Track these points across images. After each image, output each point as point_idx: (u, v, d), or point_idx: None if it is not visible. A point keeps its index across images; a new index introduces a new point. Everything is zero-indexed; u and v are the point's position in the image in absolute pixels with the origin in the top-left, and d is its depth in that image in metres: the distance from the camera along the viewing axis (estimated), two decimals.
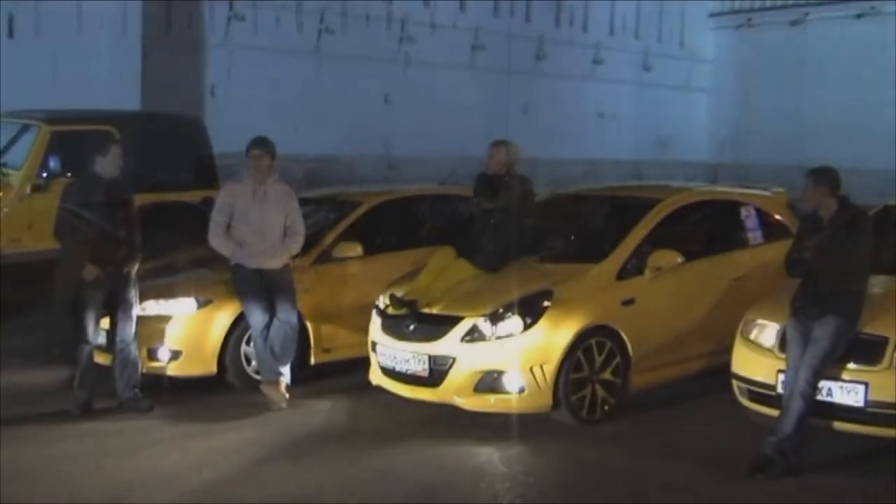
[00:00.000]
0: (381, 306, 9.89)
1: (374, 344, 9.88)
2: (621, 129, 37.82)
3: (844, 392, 8.08)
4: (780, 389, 8.34)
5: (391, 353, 9.60)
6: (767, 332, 8.71)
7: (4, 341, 12.10)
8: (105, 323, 9.97)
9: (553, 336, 9.10)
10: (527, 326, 9.10)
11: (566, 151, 34.85)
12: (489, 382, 9.11)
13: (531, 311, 9.14)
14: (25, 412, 9.59)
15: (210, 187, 14.68)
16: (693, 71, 39.57)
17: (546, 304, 9.19)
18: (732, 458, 8.26)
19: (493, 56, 33.90)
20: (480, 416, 9.20)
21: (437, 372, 9.25)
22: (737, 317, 9.15)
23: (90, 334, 9.69)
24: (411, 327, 9.51)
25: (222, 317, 10.31)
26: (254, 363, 10.23)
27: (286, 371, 10.04)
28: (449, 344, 9.21)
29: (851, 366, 8.11)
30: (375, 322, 9.92)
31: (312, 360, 10.74)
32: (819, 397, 8.06)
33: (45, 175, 14.06)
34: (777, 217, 11.41)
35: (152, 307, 10.29)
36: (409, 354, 9.42)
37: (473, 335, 9.17)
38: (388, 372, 9.68)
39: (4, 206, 13.88)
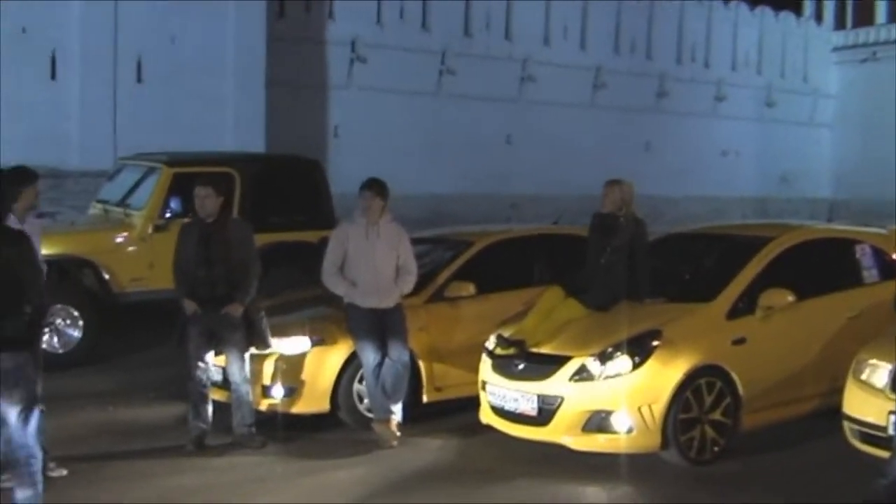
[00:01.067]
0: (490, 346, 9.95)
1: (483, 383, 9.93)
2: (744, 165, 37.45)
3: None
4: (891, 431, 8.18)
5: (500, 393, 9.64)
6: (879, 372, 8.56)
7: (127, 377, 12.42)
8: (222, 361, 10.19)
9: (662, 376, 9.06)
10: (636, 366, 9.08)
11: (689, 189, 34.64)
12: (597, 422, 9.09)
13: (640, 350, 9.12)
14: (143, 447, 9.82)
15: (328, 228, 14.87)
16: (817, 106, 39.09)
17: (655, 343, 9.16)
18: (843, 500, 8.12)
19: (614, 94, 33.87)
20: (589, 456, 9.18)
21: (545, 411, 9.26)
22: (850, 356, 9.01)
23: (194, 369, 9.91)
24: (520, 367, 9.54)
25: (335, 355, 10.44)
26: (366, 401, 10.32)
27: (398, 409, 10.14)
28: (557, 383, 9.22)
29: None
30: (485, 362, 9.97)
31: (424, 399, 10.81)
32: None
33: (166, 216, 14.41)
34: (894, 256, 11.21)
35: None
36: (518, 394, 9.45)
37: (582, 374, 9.16)
38: (498, 411, 9.71)
39: (128, 245, 14.28)
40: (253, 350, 10.14)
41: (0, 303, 7.18)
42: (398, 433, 10.05)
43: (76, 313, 13.55)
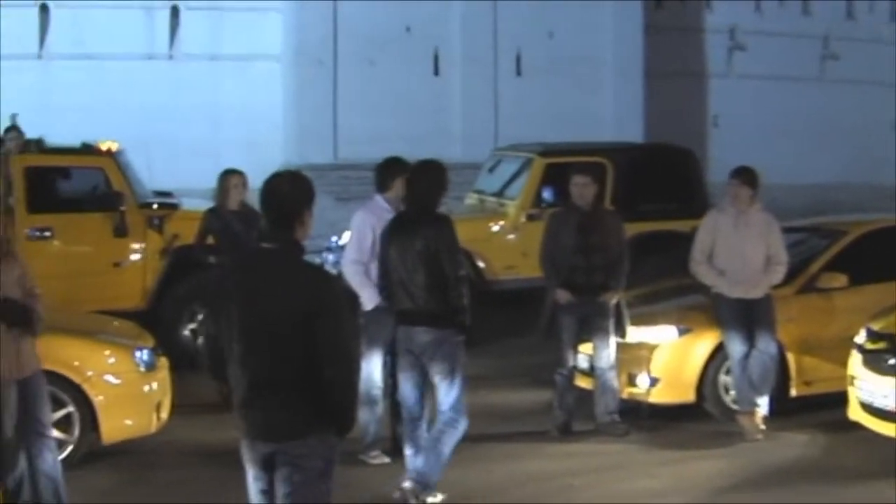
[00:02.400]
0: (860, 341, 9.59)
1: (852, 378, 9.58)
2: None
3: None
4: None
5: (870, 388, 9.26)
6: None
7: (497, 363, 12.78)
8: (588, 348, 10.32)
9: None
10: None
11: None
12: None
13: None
14: (508, 430, 10.09)
15: (700, 217, 14.71)
16: None
17: None
18: None
19: None
20: None
21: None
22: None
23: (566, 358, 10.07)
24: (891, 361, 9.15)
25: (702, 345, 10.35)
26: (732, 392, 10.20)
27: (763, 402, 9.95)
28: None
29: None
30: (855, 356, 9.61)
31: (793, 392, 10.55)
32: None
33: (540, 206, 14.69)
34: None
35: (634, 334, 10.50)
36: (889, 390, 9.07)
37: None
38: (867, 408, 9.33)
39: (502, 234, 14.67)
40: (618, 338, 10.22)
41: (422, 282, 7.87)
42: (763, 426, 9.86)
43: None
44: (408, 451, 8.26)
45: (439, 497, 8.10)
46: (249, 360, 5.28)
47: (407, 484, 8.07)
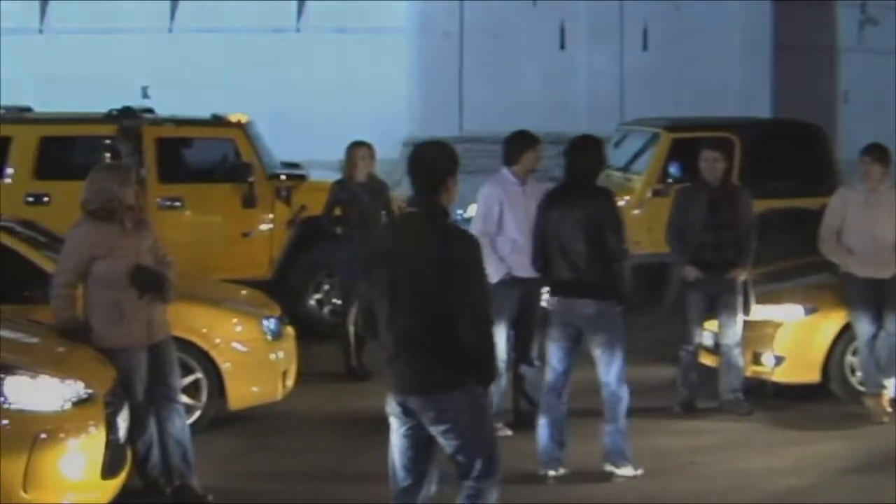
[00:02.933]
0: None
1: None
2: None
3: None
4: None
5: None
6: None
7: None
8: (713, 325, 10.24)
9: None
10: None
11: None
12: None
13: None
14: (632, 406, 10.02)
15: (829, 195, 14.46)
16: None
17: None
18: None
19: None
20: None
21: None
22: None
23: (692, 335, 10.02)
24: None
25: (829, 325, 10.22)
26: (858, 374, 10.04)
27: (891, 384, 9.79)
28: None
29: None
30: None
31: None
32: None
33: (667, 181, 14.57)
34: None
35: (760, 312, 10.39)
36: None
37: None
38: None
39: (629, 209, 14.56)
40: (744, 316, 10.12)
41: (584, 252, 8.00)
42: (889, 409, 9.71)
43: None
44: (542, 421, 8.34)
45: (638, 471, 8.28)
46: (396, 318, 5.62)
47: (607, 466, 8.29)
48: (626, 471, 8.26)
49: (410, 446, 5.75)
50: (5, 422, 6.66)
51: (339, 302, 12.27)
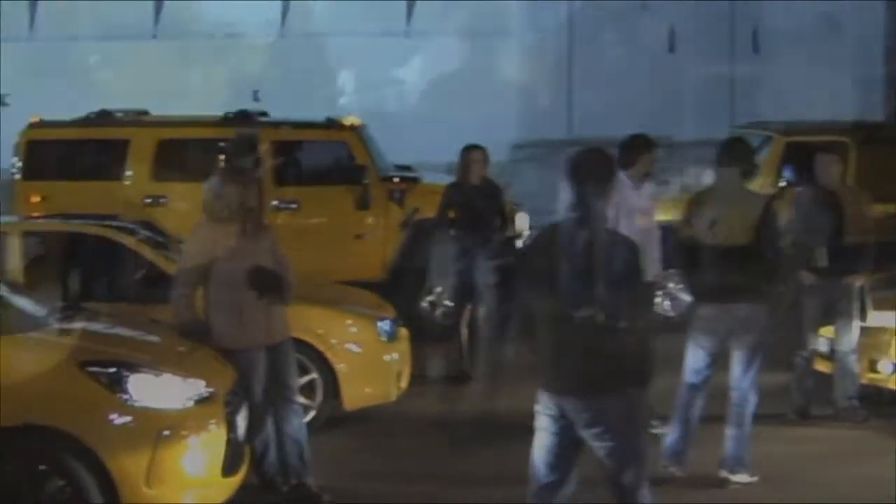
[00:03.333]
0: None
1: None
2: None
3: None
4: None
5: None
6: None
7: None
8: (828, 331, 10.11)
9: None
10: None
11: None
12: None
13: None
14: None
15: None
16: None
17: None
18: None
19: None
20: None
21: None
22: None
23: (807, 341, 9.91)
24: None
25: None
26: None
27: None
28: None
29: None
30: None
31: None
32: None
33: (782, 185, 14.42)
34: None
35: (877, 318, 10.23)
36: None
37: None
38: None
39: None
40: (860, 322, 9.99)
41: (738, 257, 7.97)
42: None
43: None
44: (674, 424, 8.35)
45: (754, 478, 8.23)
46: (559, 320, 5.66)
47: (723, 472, 8.23)
48: (742, 477, 8.19)
49: (558, 445, 5.78)
50: (130, 419, 6.79)
51: (451, 304, 12.32)
